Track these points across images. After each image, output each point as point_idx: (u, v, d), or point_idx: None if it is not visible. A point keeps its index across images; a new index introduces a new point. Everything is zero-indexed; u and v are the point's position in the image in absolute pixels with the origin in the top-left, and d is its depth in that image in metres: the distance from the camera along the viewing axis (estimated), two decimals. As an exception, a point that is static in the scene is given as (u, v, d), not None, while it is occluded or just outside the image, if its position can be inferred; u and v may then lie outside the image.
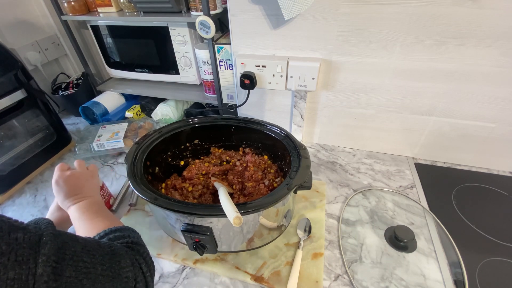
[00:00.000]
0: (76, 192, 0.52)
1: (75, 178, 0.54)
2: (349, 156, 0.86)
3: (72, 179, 0.53)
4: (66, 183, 0.52)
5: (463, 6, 0.56)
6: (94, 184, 0.57)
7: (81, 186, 0.54)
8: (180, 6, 0.81)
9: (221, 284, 0.55)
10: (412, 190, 0.73)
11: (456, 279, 0.54)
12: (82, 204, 0.50)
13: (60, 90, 1.08)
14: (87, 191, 0.53)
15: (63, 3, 0.90)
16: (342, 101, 0.79)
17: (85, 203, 0.50)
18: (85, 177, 0.56)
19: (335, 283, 0.54)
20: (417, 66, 0.66)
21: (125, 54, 1.00)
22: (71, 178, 0.53)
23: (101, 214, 0.49)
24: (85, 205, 0.50)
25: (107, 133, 0.88)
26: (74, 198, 0.51)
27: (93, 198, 0.53)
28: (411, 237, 0.58)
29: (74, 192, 0.52)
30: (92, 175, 0.59)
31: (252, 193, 0.62)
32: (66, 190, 0.51)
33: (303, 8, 0.61)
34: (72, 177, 0.54)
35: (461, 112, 0.71)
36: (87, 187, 0.55)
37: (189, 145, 0.73)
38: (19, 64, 0.77)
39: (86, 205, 0.50)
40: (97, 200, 0.53)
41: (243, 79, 0.76)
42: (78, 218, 0.47)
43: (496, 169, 0.78)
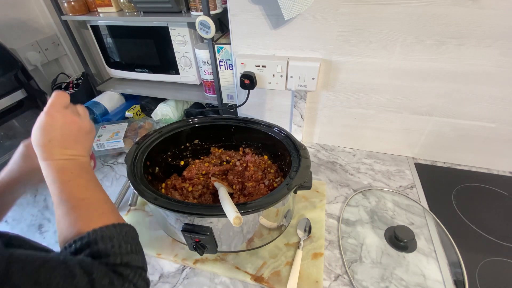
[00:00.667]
0: (67, 145, 0.38)
1: (75, 125, 0.39)
2: (349, 156, 0.86)
3: (71, 125, 0.39)
4: (63, 127, 0.38)
5: (463, 6, 0.56)
6: (91, 141, 0.43)
7: (77, 139, 0.39)
8: (180, 6, 0.81)
9: (221, 284, 0.55)
10: (412, 190, 0.73)
11: (456, 279, 0.54)
12: (70, 164, 0.37)
13: (60, 90, 1.08)
14: (81, 149, 0.40)
15: (63, 3, 0.90)
16: (342, 101, 0.79)
17: (74, 164, 0.38)
18: (86, 130, 0.41)
19: (335, 283, 0.54)
20: (417, 66, 0.66)
21: (125, 54, 1.00)
22: (71, 124, 0.39)
23: (90, 188, 0.38)
24: (73, 167, 0.37)
25: (107, 133, 0.88)
26: (62, 151, 0.37)
27: (85, 159, 0.40)
28: (411, 237, 0.58)
29: (65, 144, 0.38)
30: (92, 129, 0.43)
31: (252, 193, 0.62)
32: (57, 135, 0.37)
33: (303, 8, 0.61)
34: (73, 123, 0.39)
35: (461, 112, 0.71)
36: (84, 143, 0.41)
37: (189, 145, 0.73)
38: (19, 64, 0.77)
39: (75, 168, 0.38)
40: (88, 163, 0.41)
41: (243, 79, 0.76)
42: (58, 183, 0.36)
43: (496, 169, 0.78)
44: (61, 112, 0.38)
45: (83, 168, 0.39)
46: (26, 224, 0.70)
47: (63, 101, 0.39)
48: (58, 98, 0.39)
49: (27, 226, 0.70)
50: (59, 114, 0.38)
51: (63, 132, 0.38)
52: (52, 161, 0.36)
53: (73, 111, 0.40)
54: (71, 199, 0.35)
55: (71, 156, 0.38)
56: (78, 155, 0.39)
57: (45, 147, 0.36)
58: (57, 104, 0.38)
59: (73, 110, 0.41)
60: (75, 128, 0.39)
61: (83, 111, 0.43)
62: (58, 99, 0.39)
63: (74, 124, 0.39)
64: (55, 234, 0.67)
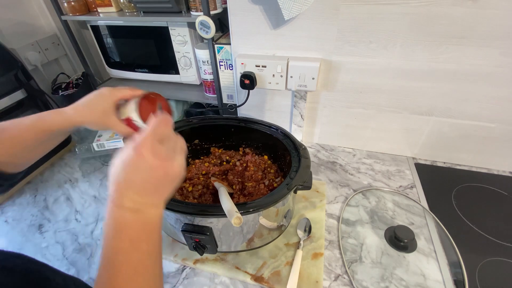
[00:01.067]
0: (144, 193, 0.32)
1: (163, 170, 0.32)
2: (349, 156, 0.86)
3: (158, 170, 0.32)
4: (147, 171, 0.31)
5: (463, 6, 0.56)
6: (174, 187, 0.35)
7: (158, 187, 0.33)
8: (180, 6, 0.81)
9: (221, 284, 0.55)
10: (412, 190, 0.73)
11: (456, 279, 0.54)
12: (136, 220, 0.31)
13: (60, 90, 1.08)
14: (157, 198, 0.33)
15: (63, 3, 0.90)
16: (342, 101, 0.79)
17: (142, 221, 0.31)
18: (173, 176, 0.34)
19: (335, 283, 0.54)
20: (417, 66, 0.66)
21: (125, 54, 1.00)
22: (158, 168, 0.32)
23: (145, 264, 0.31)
24: (137, 226, 0.31)
25: (107, 133, 0.88)
26: (134, 198, 0.31)
27: (157, 212, 0.33)
28: (411, 237, 0.58)
29: (142, 191, 0.31)
30: (181, 172, 0.35)
31: (252, 193, 0.62)
32: (137, 178, 0.31)
33: (303, 8, 0.61)
34: (161, 168, 0.32)
35: (461, 112, 0.71)
36: (164, 192, 0.34)
37: (189, 145, 0.73)
38: (19, 64, 0.77)
39: (138, 229, 0.31)
40: (159, 217, 0.34)
41: (243, 79, 0.76)
42: (112, 246, 0.30)
43: (496, 169, 0.78)
44: (153, 150, 0.31)
45: (149, 228, 0.32)
46: (26, 224, 0.70)
47: (161, 131, 0.33)
48: (157, 128, 0.33)
49: (27, 226, 0.70)
50: (150, 153, 0.31)
51: (145, 176, 0.31)
52: (118, 208, 0.31)
53: (168, 149, 0.33)
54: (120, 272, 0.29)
55: (142, 205, 0.31)
56: (151, 204, 0.32)
57: (118, 186, 0.31)
58: (152, 138, 0.32)
59: (168, 147, 0.34)
60: (161, 174, 0.32)
61: (180, 147, 0.36)
62: (157, 128, 0.33)
63: (162, 169, 0.32)
64: (55, 234, 0.67)
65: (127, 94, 0.46)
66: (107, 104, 0.45)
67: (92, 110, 0.44)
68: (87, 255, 0.62)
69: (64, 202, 0.76)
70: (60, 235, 0.67)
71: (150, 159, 0.31)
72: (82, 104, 0.45)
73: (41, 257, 0.62)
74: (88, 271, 0.59)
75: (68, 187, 0.80)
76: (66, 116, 0.44)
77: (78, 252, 0.63)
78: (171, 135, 0.35)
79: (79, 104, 0.45)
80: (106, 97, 0.45)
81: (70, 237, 0.66)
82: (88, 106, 0.45)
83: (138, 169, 0.31)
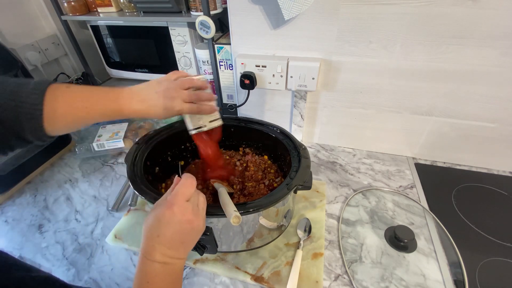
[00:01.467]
0: (172, 246, 0.38)
1: (189, 225, 0.38)
2: (349, 156, 0.86)
3: (185, 225, 0.38)
4: (177, 225, 0.37)
5: (463, 6, 0.56)
6: (196, 240, 0.42)
7: (184, 240, 0.39)
8: (180, 6, 0.81)
9: (221, 284, 0.55)
10: (412, 190, 0.73)
11: (456, 279, 0.54)
12: (165, 271, 0.37)
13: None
14: (182, 252, 0.40)
15: (63, 3, 0.90)
16: (342, 101, 0.79)
17: (169, 271, 0.38)
18: (198, 230, 0.40)
19: (335, 283, 0.54)
20: (417, 66, 0.66)
21: (125, 54, 1.00)
22: (186, 223, 0.38)
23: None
24: (165, 276, 0.37)
25: (107, 133, 0.88)
26: (164, 251, 0.37)
27: (181, 263, 0.40)
28: (411, 237, 0.58)
29: (171, 244, 0.37)
30: (204, 227, 0.42)
31: (252, 193, 0.62)
32: (168, 232, 0.37)
33: (303, 8, 0.61)
34: (188, 223, 0.38)
35: (461, 112, 0.71)
36: (189, 245, 0.41)
37: (189, 145, 0.73)
38: (19, 64, 0.77)
39: (166, 277, 0.37)
40: (182, 268, 0.41)
41: (243, 79, 0.76)
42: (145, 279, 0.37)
43: (496, 169, 0.78)
44: (182, 207, 0.38)
45: (175, 277, 0.39)
46: (26, 224, 0.70)
47: (188, 192, 0.40)
48: (184, 188, 0.40)
49: (27, 226, 0.70)
50: (179, 209, 0.37)
51: (175, 230, 0.37)
52: (150, 262, 0.36)
53: (193, 205, 0.40)
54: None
55: (170, 259, 0.38)
56: (178, 257, 0.39)
57: (151, 241, 0.37)
58: (181, 197, 0.39)
59: (194, 203, 0.40)
60: (188, 229, 0.38)
61: (203, 202, 0.42)
62: (185, 189, 0.39)
63: (188, 224, 0.38)
64: (55, 234, 0.67)
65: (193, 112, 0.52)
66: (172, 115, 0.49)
67: (158, 117, 0.48)
68: (87, 255, 0.62)
69: (64, 202, 0.76)
70: (60, 235, 0.67)
71: (180, 214, 0.37)
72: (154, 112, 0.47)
73: (41, 257, 0.62)
74: (88, 271, 0.59)
75: (68, 187, 0.80)
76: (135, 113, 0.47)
77: (78, 252, 0.63)
78: (194, 193, 0.41)
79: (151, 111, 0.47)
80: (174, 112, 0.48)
81: (70, 237, 0.66)
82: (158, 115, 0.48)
83: (169, 224, 0.37)
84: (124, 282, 0.57)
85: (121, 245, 0.63)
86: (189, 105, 0.49)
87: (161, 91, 0.47)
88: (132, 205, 0.71)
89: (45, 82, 0.40)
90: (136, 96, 0.47)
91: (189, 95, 0.49)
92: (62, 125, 0.43)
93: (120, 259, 0.61)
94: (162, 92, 0.47)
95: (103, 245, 0.64)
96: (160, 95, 0.47)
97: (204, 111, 0.52)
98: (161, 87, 0.48)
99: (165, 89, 0.47)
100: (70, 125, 0.44)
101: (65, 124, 0.43)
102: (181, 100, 0.48)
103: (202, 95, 0.51)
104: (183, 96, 0.48)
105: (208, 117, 0.55)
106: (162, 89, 0.47)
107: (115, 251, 0.62)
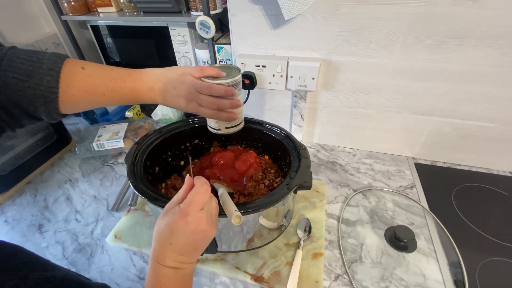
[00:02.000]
0: (184, 253, 0.37)
1: (202, 234, 0.38)
2: (349, 156, 0.86)
3: (199, 234, 0.37)
4: (191, 236, 0.37)
5: (463, 6, 0.56)
6: (207, 245, 0.41)
7: (197, 247, 0.39)
8: (180, 6, 0.81)
9: (221, 284, 0.55)
10: (412, 190, 0.73)
11: (456, 279, 0.54)
12: (175, 275, 0.37)
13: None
14: (194, 257, 0.40)
15: (63, 3, 0.90)
16: (342, 101, 0.79)
17: (180, 275, 0.38)
18: (209, 238, 0.39)
19: (335, 283, 0.54)
20: (417, 66, 0.66)
21: (125, 54, 1.00)
22: (199, 233, 0.37)
23: None
24: (176, 280, 0.38)
25: (107, 133, 0.88)
26: (175, 257, 0.37)
27: (192, 267, 0.40)
28: (411, 237, 0.58)
29: (183, 251, 0.37)
30: (215, 233, 0.40)
31: (252, 193, 0.62)
32: (181, 242, 0.37)
33: (303, 8, 0.61)
34: (202, 232, 0.37)
35: (461, 112, 0.71)
36: (200, 251, 0.40)
37: (189, 145, 0.73)
38: (19, 64, 0.77)
39: (178, 281, 0.38)
40: (193, 271, 0.41)
41: (243, 79, 0.76)
42: (157, 284, 0.36)
43: (496, 169, 0.78)
44: (196, 217, 0.37)
45: (185, 281, 0.39)
46: (26, 224, 0.70)
47: (203, 200, 0.38)
48: (199, 197, 0.38)
49: (27, 226, 0.70)
50: (194, 220, 0.36)
51: (189, 240, 0.37)
52: (162, 266, 0.36)
53: (207, 213, 0.39)
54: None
55: (181, 264, 0.37)
56: (189, 262, 0.39)
57: (164, 248, 0.36)
58: (195, 206, 0.37)
59: (208, 211, 0.39)
60: (201, 237, 0.38)
61: (215, 209, 0.41)
62: (199, 197, 0.38)
63: (202, 233, 0.37)
64: (55, 234, 0.67)
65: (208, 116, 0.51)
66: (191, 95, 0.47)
67: (178, 101, 0.48)
68: (87, 255, 0.62)
69: (64, 202, 0.76)
70: (60, 235, 0.67)
71: (194, 224, 0.36)
72: (171, 94, 0.47)
73: (41, 257, 0.62)
74: (88, 271, 0.59)
75: (68, 187, 0.80)
76: (156, 99, 0.47)
77: (78, 252, 0.63)
78: (208, 200, 0.40)
79: (168, 92, 0.47)
80: (189, 110, 0.48)
81: (70, 237, 0.66)
82: (177, 96, 0.47)
83: (182, 233, 0.36)
84: (124, 282, 0.57)
85: (121, 245, 0.63)
86: (205, 110, 0.48)
87: (180, 88, 0.46)
88: (132, 205, 0.71)
89: (59, 58, 0.38)
90: (156, 85, 0.46)
91: (208, 102, 0.47)
92: (79, 108, 0.43)
93: (120, 259, 0.61)
94: (181, 90, 0.46)
95: (103, 245, 0.64)
96: (178, 92, 0.46)
97: (221, 118, 0.50)
98: (181, 85, 0.46)
99: (184, 88, 0.46)
100: (87, 107, 0.44)
101: (82, 107, 0.43)
102: (197, 104, 0.47)
103: (222, 103, 0.48)
104: (201, 101, 0.47)
105: (226, 123, 0.53)
106: (181, 87, 0.46)
107: (115, 251, 0.62)
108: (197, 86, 0.46)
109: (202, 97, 0.47)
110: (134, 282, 0.56)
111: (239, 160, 0.67)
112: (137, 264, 0.60)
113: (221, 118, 0.50)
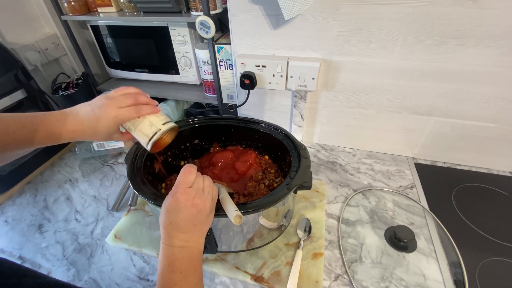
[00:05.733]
0: (185, 229, 0.40)
1: (195, 208, 0.40)
2: (349, 156, 0.86)
3: (191, 208, 0.39)
4: (183, 210, 0.39)
5: (463, 6, 0.56)
6: (209, 223, 0.43)
7: (195, 222, 0.40)
8: (180, 6, 0.81)
9: (221, 284, 0.55)
10: (412, 190, 0.73)
11: (456, 279, 0.54)
12: (183, 255, 0.39)
13: (60, 90, 1.08)
14: (197, 234, 0.41)
15: (63, 3, 0.90)
16: (342, 101, 0.79)
17: (188, 255, 0.40)
18: (206, 212, 0.41)
19: (335, 283, 0.54)
20: (417, 66, 0.66)
21: (125, 54, 1.00)
22: (191, 207, 0.39)
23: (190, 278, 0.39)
24: (185, 262, 0.39)
25: (107, 133, 0.88)
26: (180, 236, 0.39)
27: (199, 247, 0.42)
28: (411, 237, 0.58)
29: (183, 228, 0.39)
30: (212, 209, 0.43)
31: (252, 193, 0.62)
32: (177, 218, 0.39)
33: (303, 8, 0.61)
34: (193, 206, 0.40)
35: (461, 112, 0.71)
36: (201, 227, 0.42)
37: (189, 145, 0.73)
38: (19, 64, 0.77)
39: (187, 263, 0.39)
40: (201, 253, 0.42)
41: (243, 79, 0.76)
42: (166, 263, 0.39)
43: (496, 169, 0.78)
44: (184, 193, 0.40)
45: (194, 260, 0.40)
46: (26, 224, 0.70)
47: (188, 179, 0.41)
48: (184, 177, 0.41)
49: (27, 226, 0.70)
50: (183, 196, 0.39)
51: (183, 215, 0.39)
52: (170, 247, 0.39)
53: (197, 190, 0.41)
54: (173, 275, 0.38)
55: (186, 243, 0.40)
56: (194, 240, 0.41)
57: (166, 229, 0.40)
58: (182, 184, 0.40)
59: (197, 188, 0.41)
60: (195, 212, 0.40)
61: (208, 186, 0.43)
62: (184, 177, 0.41)
63: (194, 207, 0.40)
64: (55, 234, 0.67)
65: (132, 116, 0.46)
66: (112, 128, 0.45)
67: (97, 134, 0.45)
68: (87, 255, 0.62)
69: (64, 202, 0.76)
70: (60, 235, 0.67)
71: (184, 199, 0.39)
72: (89, 126, 0.44)
73: (41, 257, 0.62)
74: (88, 271, 0.59)
75: (68, 187, 0.80)
76: (71, 136, 0.44)
77: (78, 252, 0.63)
78: (197, 178, 0.42)
79: (85, 125, 0.44)
80: (111, 121, 0.44)
81: (70, 237, 0.66)
82: (94, 129, 0.44)
83: (176, 210, 0.39)
84: (124, 282, 0.57)
85: (121, 245, 0.63)
86: (126, 109, 0.45)
87: (95, 103, 0.44)
88: (132, 205, 0.71)
89: None
90: (69, 113, 0.43)
91: (124, 98, 0.45)
92: None
93: (120, 259, 0.61)
94: (95, 103, 0.44)
95: (103, 245, 0.64)
96: (93, 107, 0.43)
97: (144, 110, 0.46)
98: (96, 100, 0.44)
99: (99, 100, 0.44)
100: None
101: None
102: (116, 106, 0.44)
103: (138, 97, 0.46)
104: (118, 101, 0.44)
105: (158, 121, 0.48)
106: (96, 102, 0.44)
107: (115, 251, 0.62)
108: (119, 97, 0.45)
109: (118, 98, 0.45)
110: (134, 282, 0.56)
111: (239, 160, 0.67)
112: (137, 264, 0.60)
113: (145, 111, 0.47)
